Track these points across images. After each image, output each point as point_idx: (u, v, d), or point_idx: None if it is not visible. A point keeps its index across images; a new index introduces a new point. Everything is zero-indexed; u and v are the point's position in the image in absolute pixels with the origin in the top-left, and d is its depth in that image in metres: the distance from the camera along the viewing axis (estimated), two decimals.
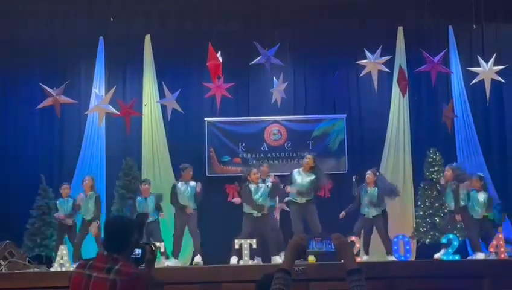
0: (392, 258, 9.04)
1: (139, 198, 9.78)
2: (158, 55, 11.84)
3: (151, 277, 3.32)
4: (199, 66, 10.76)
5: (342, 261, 2.86)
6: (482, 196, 9.43)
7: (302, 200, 9.39)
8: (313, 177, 9.45)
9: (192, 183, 9.65)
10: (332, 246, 2.93)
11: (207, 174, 11.42)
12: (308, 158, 9.54)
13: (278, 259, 8.88)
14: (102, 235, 3.30)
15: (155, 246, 3.44)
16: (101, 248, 3.44)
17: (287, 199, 9.70)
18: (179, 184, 9.62)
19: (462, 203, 9.34)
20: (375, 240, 9.67)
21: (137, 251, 3.31)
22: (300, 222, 9.38)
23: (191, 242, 9.78)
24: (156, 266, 3.58)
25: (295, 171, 9.54)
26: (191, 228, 9.54)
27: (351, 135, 11.88)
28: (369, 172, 9.70)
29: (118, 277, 3.02)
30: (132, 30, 11.83)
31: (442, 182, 9.68)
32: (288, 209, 9.76)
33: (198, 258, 9.23)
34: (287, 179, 9.61)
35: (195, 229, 9.51)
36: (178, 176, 10.18)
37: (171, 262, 9.15)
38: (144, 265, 3.42)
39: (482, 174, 9.84)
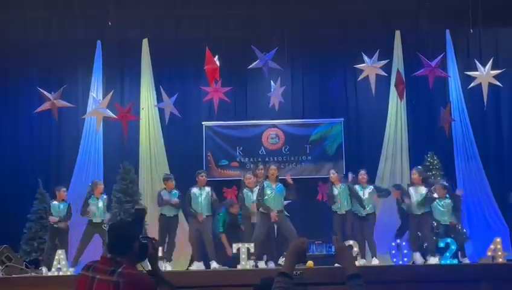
0: (366, 260, 9.17)
1: (163, 191, 9.71)
2: (156, 59, 11.83)
3: (158, 276, 3.30)
4: (197, 70, 10.77)
5: (341, 265, 2.85)
6: (446, 203, 9.48)
7: (274, 210, 9.18)
8: (281, 187, 9.32)
9: (207, 188, 9.62)
10: (333, 249, 2.88)
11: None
12: (273, 169, 9.43)
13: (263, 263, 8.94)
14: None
15: (156, 240, 3.42)
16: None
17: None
18: (194, 189, 9.59)
19: (427, 209, 9.45)
20: None
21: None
22: (265, 233, 9.18)
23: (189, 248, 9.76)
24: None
25: (265, 183, 9.31)
26: (205, 236, 9.40)
27: (349, 139, 11.89)
28: (332, 171, 9.88)
29: (121, 279, 3.06)
30: (130, 34, 11.85)
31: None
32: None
33: (214, 264, 9.12)
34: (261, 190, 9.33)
35: (209, 237, 9.38)
36: (176, 181, 10.11)
37: (195, 266, 9.19)
38: (146, 261, 3.41)
39: (446, 183, 9.87)
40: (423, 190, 9.50)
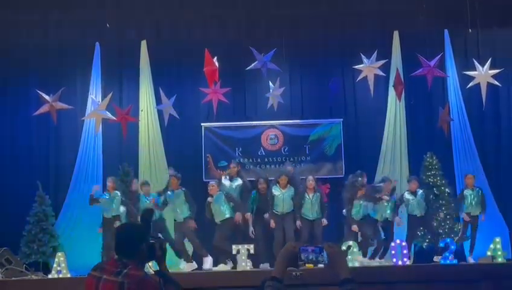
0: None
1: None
2: (154, 61, 11.83)
3: (165, 277, 3.31)
4: (196, 71, 10.77)
5: (334, 271, 2.83)
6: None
7: (283, 211, 9.45)
8: (291, 192, 9.53)
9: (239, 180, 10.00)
10: (325, 256, 2.86)
11: (204, 179, 11.39)
12: (283, 178, 9.61)
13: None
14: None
15: (163, 241, 3.42)
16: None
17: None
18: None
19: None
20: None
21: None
22: (281, 233, 9.44)
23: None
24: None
25: (273, 187, 9.60)
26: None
27: (348, 139, 11.88)
28: (310, 177, 9.82)
29: (126, 279, 3.11)
30: (128, 36, 11.84)
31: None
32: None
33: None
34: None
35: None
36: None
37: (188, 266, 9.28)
38: (154, 262, 3.41)
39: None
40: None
